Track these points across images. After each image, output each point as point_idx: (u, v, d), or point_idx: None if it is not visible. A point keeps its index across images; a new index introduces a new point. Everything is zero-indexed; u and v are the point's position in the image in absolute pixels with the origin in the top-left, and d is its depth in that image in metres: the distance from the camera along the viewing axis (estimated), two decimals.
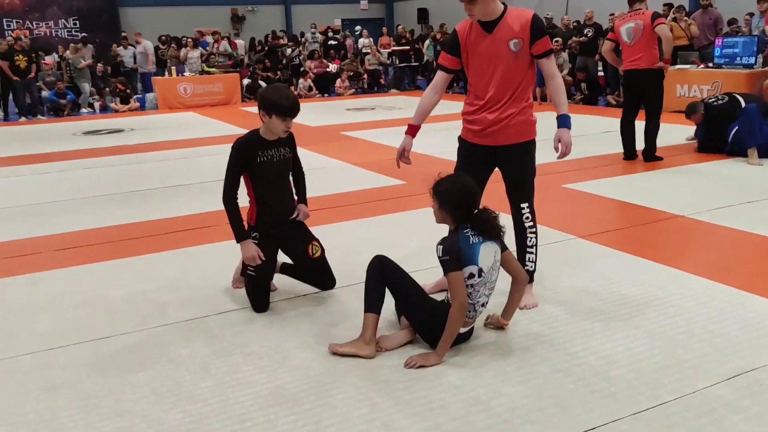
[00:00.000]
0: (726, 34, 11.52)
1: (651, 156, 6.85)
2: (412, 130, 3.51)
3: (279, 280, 3.94)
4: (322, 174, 7.02)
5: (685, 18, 11.84)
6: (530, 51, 3.16)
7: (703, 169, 6.48)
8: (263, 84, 16.13)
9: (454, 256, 2.76)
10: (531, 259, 3.40)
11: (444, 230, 3.13)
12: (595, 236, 4.46)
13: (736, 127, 6.73)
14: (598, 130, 8.96)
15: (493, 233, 2.84)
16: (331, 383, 2.71)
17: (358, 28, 19.61)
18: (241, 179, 3.48)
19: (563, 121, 3.27)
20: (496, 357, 2.86)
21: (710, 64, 10.62)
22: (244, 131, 3.70)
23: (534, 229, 3.39)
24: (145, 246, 4.71)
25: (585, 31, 13.08)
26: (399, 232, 4.79)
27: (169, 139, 10.14)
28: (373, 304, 2.94)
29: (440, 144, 8.50)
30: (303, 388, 2.69)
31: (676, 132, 8.14)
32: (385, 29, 20.02)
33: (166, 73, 15.64)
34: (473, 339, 3.02)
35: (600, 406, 2.46)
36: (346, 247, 4.48)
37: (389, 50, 18.20)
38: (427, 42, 17.46)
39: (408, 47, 18.07)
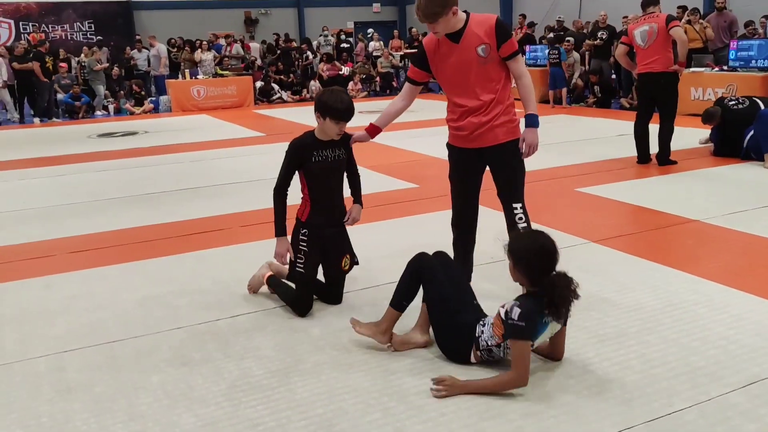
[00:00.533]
0: (741, 37, 11.43)
1: (665, 160, 6.81)
2: (373, 130, 3.63)
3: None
4: None
5: (700, 20, 11.76)
6: (498, 54, 3.22)
7: (718, 173, 6.43)
8: (276, 87, 16.22)
9: (531, 326, 2.56)
10: None
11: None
12: (608, 241, 4.44)
13: (752, 132, 6.67)
14: (611, 134, 8.92)
15: (561, 314, 2.61)
16: (342, 387, 2.71)
17: (370, 30, 19.63)
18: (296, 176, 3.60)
19: (531, 121, 3.32)
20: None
21: (725, 67, 10.54)
22: (257, 134, 3.74)
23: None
24: (158, 249, 4.73)
25: (599, 34, 13.02)
26: (411, 235, 4.78)
27: (183, 141, 10.19)
28: (397, 302, 2.96)
29: None
30: (315, 392, 2.69)
31: (690, 135, 8.07)
32: (396, 32, 20.03)
33: (180, 75, 15.73)
34: None
35: (613, 413, 2.44)
36: (359, 251, 4.46)
37: (401, 53, 18.21)
38: None
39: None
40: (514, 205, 3.40)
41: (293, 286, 3.52)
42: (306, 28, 23.77)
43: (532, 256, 2.64)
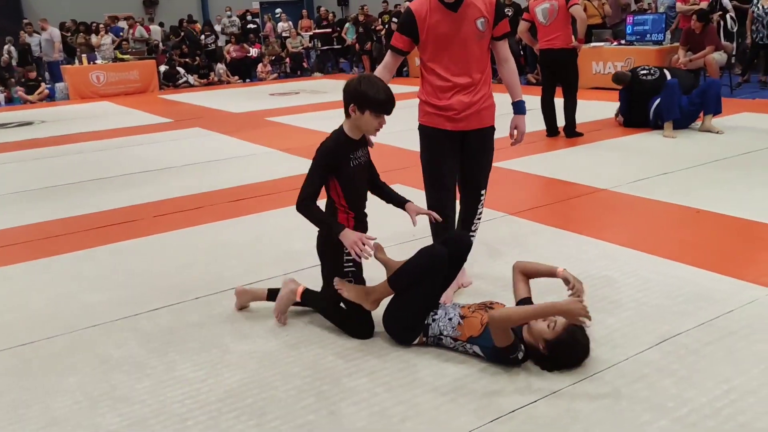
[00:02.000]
0: (636, 12, 11.95)
1: (572, 132, 7.06)
2: None
3: (207, 278, 3.86)
4: (249, 162, 6.89)
5: None
6: (492, 32, 3.09)
7: (622, 143, 6.73)
8: (181, 70, 15.66)
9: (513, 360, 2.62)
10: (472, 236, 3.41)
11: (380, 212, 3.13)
12: (523, 213, 4.57)
13: (657, 101, 7.00)
14: None
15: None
16: (273, 375, 2.68)
17: (278, 10, 19.24)
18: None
19: (521, 108, 3.25)
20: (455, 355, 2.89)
21: (622, 42, 11.01)
22: (164, 120, 3.57)
23: (480, 218, 3.42)
24: (66, 244, 4.50)
25: (505, 11, 13.28)
26: None
27: (85, 130, 9.71)
28: (398, 285, 2.80)
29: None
30: (245, 382, 2.64)
31: (594, 108, 8.41)
32: (305, 12, 19.75)
33: (76, 61, 14.92)
34: None
35: (539, 379, 2.52)
36: (278, 235, 4.42)
37: (311, 33, 17.97)
38: (347, 25, 17.33)
39: (330, 30, 17.89)
40: (482, 191, 3.32)
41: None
42: (210, 9, 23.04)
43: (568, 359, 2.58)
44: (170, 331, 3.12)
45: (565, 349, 2.55)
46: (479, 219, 3.44)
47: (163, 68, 15.58)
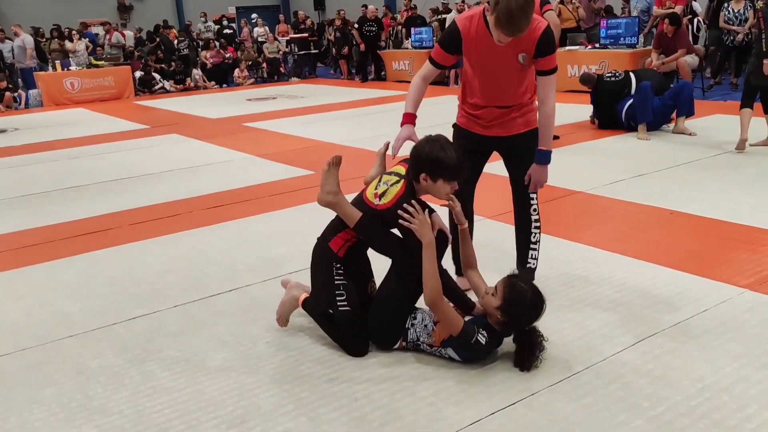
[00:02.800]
0: (610, 16, 12.10)
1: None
2: (411, 119, 3.08)
3: (185, 285, 3.84)
4: (226, 168, 6.86)
5: (572, 1, 12.33)
6: (535, 65, 2.96)
7: (598, 145, 6.81)
8: (157, 76, 15.54)
9: (482, 354, 2.66)
10: (533, 256, 3.24)
11: None
12: (502, 216, 4.60)
13: (629, 103, 7.10)
14: None
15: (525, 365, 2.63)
16: (253, 383, 2.67)
17: (254, 16, 19.17)
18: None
19: (540, 157, 3.04)
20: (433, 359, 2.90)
21: (597, 45, 11.14)
22: (140, 126, 3.54)
23: (539, 224, 3.23)
24: (42, 254, 4.44)
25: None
26: (310, 223, 4.74)
27: (59, 137, 9.59)
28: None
29: (349, 132, 8.50)
30: (224, 390, 2.63)
31: (569, 111, 8.48)
32: (282, 16, 19.71)
33: (50, 67, 14.74)
34: None
35: (518, 382, 2.55)
36: (257, 242, 4.40)
37: (287, 38, 17.94)
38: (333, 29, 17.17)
39: (307, 34, 17.87)
40: (533, 196, 3.20)
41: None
42: (185, 14, 22.92)
43: (523, 308, 2.60)
44: (148, 339, 3.10)
45: (519, 303, 2.57)
46: (537, 229, 3.23)
47: (138, 74, 15.45)
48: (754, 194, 4.74)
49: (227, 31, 18.82)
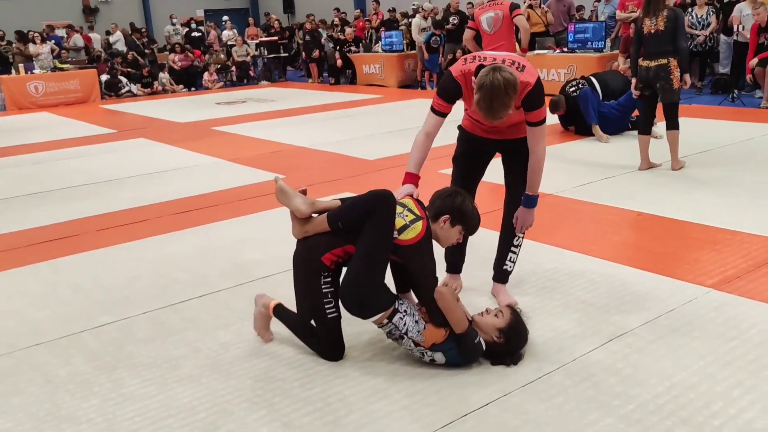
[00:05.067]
0: (577, 21, 12.28)
1: None
2: (413, 179, 2.99)
3: (154, 291, 3.80)
4: (195, 172, 6.80)
5: (541, 5, 12.50)
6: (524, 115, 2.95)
7: (567, 148, 6.89)
8: (124, 80, 15.32)
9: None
10: (512, 259, 3.30)
11: None
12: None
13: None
14: None
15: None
16: (225, 388, 2.64)
17: (225, 18, 18.98)
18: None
19: (526, 201, 3.10)
20: (391, 345, 2.90)
21: (565, 49, 11.30)
22: (107, 131, 3.48)
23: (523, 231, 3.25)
24: (6, 261, 4.34)
25: (451, 19, 13.47)
26: (283, 227, 4.71)
27: (23, 142, 9.39)
28: (336, 218, 2.69)
29: (319, 136, 8.48)
30: (196, 397, 2.60)
31: None
32: (251, 19, 19.59)
33: (13, 71, 14.44)
34: (366, 333, 3.06)
35: (491, 382, 2.57)
36: (228, 247, 4.37)
37: (257, 41, 17.84)
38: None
39: (276, 38, 17.80)
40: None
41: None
42: (152, 17, 22.66)
43: (520, 339, 2.73)
44: (118, 347, 3.05)
45: (518, 331, 2.72)
46: (522, 234, 3.26)
47: (104, 77, 15.22)
48: (717, 196, 4.85)
49: (195, 34, 18.64)
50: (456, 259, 3.48)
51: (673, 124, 5.56)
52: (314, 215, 2.79)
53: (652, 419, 2.29)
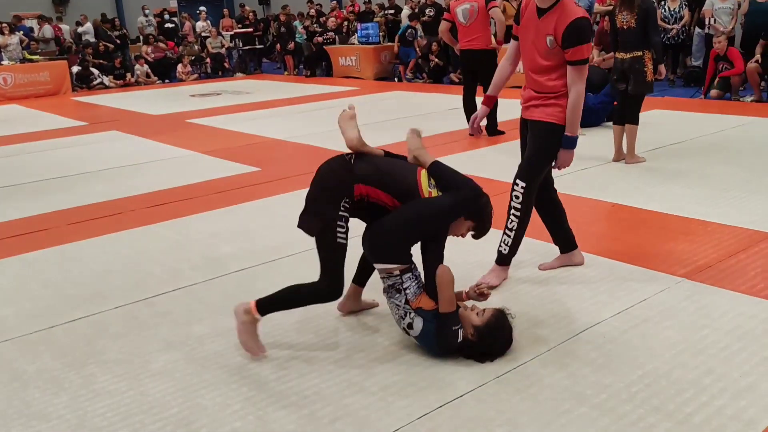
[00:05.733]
0: None
1: (494, 131, 7.22)
2: (489, 101, 3.53)
3: (127, 286, 3.75)
4: (170, 165, 6.71)
5: None
6: (564, 53, 3.06)
7: None
8: (96, 71, 15.09)
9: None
10: (505, 242, 3.38)
11: None
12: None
13: None
14: (444, 108, 9.29)
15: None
16: (198, 383, 2.62)
17: (201, 8, 18.70)
18: None
19: (565, 142, 3.22)
20: (365, 338, 2.90)
21: None
22: (78, 123, 3.41)
23: (518, 213, 3.32)
24: None
25: (427, 11, 13.46)
26: (258, 220, 4.69)
27: None
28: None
29: (295, 128, 8.43)
30: (169, 392, 2.57)
31: (514, 107, 8.59)
32: (226, 11, 19.37)
33: None
34: (341, 327, 3.04)
35: (467, 373, 2.57)
36: (202, 240, 4.32)
37: (231, 33, 17.66)
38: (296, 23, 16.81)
39: (252, 29, 17.64)
40: (516, 181, 3.33)
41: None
42: (124, 8, 22.28)
43: (495, 342, 2.69)
44: (89, 342, 3.00)
45: (494, 334, 2.66)
46: (514, 216, 3.34)
47: (75, 69, 14.96)
48: (689, 186, 4.91)
49: (169, 25, 18.39)
50: (558, 240, 3.61)
51: (633, 119, 5.60)
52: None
53: (625, 407, 2.31)
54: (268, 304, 2.76)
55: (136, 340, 3.01)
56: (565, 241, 3.58)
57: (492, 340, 2.66)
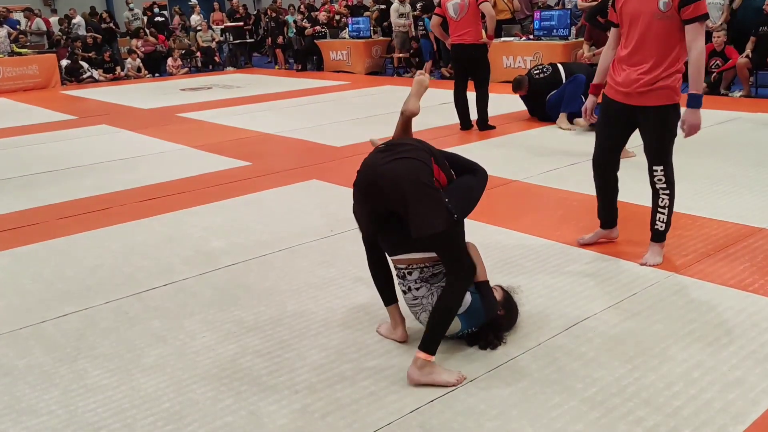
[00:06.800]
0: (542, 8, 12.34)
1: (484, 125, 7.23)
2: (596, 89, 3.59)
3: (118, 280, 3.74)
4: (160, 159, 6.69)
5: None
6: (679, 14, 3.08)
7: (533, 135, 6.95)
8: (85, 65, 14.98)
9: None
10: (661, 219, 3.49)
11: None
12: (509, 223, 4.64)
13: (553, 93, 7.22)
14: (435, 102, 9.27)
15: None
16: (190, 377, 2.62)
17: (194, 1, 18.57)
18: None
19: (692, 101, 3.19)
20: (357, 333, 2.90)
21: (531, 36, 11.35)
22: (67, 117, 3.39)
23: (668, 191, 3.44)
24: None
25: (417, 5, 13.43)
26: (249, 215, 4.68)
27: None
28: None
29: (286, 123, 8.41)
30: (160, 387, 2.57)
31: (505, 102, 8.62)
32: (216, 4, 19.26)
33: None
34: (333, 322, 3.05)
35: (458, 368, 2.57)
36: (192, 235, 4.31)
37: (222, 26, 17.57)
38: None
39: (242, 23, 17.55)
40: (654, 168, 3.41)
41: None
42: (114, 1, 22.11)
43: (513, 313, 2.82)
44: (79, 337, 3.00)
45: (512, 307, 2.82)
46: (666, 195, 3.44)
47: (65, 62, 14.85)
48: (678, 181, 4.90)
49: (158, 18, 18.26)
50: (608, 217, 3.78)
51: None
52: None
53: (615, 401, 2.33)
54: (431, 343, 2.50)
55: (127, 334, 3.00)
56: (611, 219, 3.78)
57: (512, 313, 2.82)
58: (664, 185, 3.44)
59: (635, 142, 3.47)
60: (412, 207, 2.41)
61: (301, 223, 4.39)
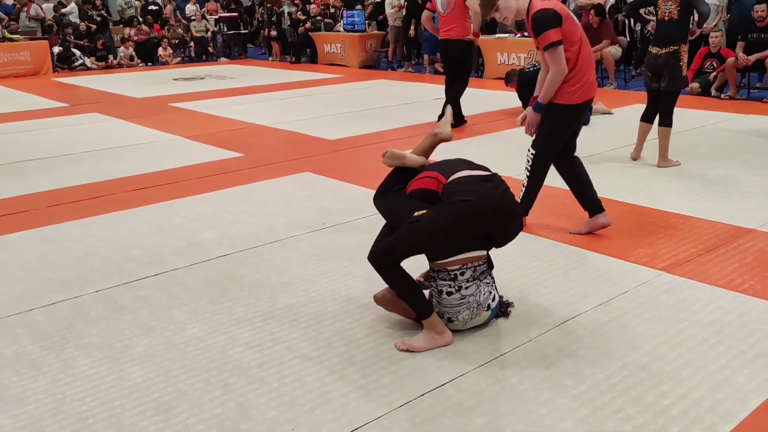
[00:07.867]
0: None
1: (458, 120, 7.18)
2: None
3: (108, 270, 3.71)
4: (152, 149, 6.64)
5: None
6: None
7: (520, 132, 6.90)
8: (77, 52, 14.86)
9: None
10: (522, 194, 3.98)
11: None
12: None
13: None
14: (428, 98, 9.27)
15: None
16: (179, 368, 2.60)
17: None
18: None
19: (534, 105, 3.81)
20: (347, 326, 2.90)
21: (525, 33, 11.34)
22: (59, 104, 3.37)
23: (527, 175, 4.01)
24: None
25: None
26: (241, 206, 4.66)
27: None
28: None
29: (279, 115, 8.37)
30: (149, 377, 2.55)
31: (497, 98, 8.62)
32: None
33: None
34: (323, 314, 3.04)
35: (446, 363, 2.58)
36: (183, 225, 4.29)
37: (216, 17, 17.46)
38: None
39: (236, 14, 17.45)
40: (528, 148, 4.00)
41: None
42: None
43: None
44: (68, 326, 2.98)
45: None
46: (527, 178, 4.01)
47: (57, 49, 14.72)
48: (670, 180, 4.96)
49: (152, 7, 18.11)
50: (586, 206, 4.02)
51: (667, 120, 5.37)
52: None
53: (604, 399, 2.34)
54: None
55: (117, 324, 2.98)
56: (589, 207, 3.97)
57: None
58: (528, 166, 4.01)
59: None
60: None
61: (293, 216, 4.37)
